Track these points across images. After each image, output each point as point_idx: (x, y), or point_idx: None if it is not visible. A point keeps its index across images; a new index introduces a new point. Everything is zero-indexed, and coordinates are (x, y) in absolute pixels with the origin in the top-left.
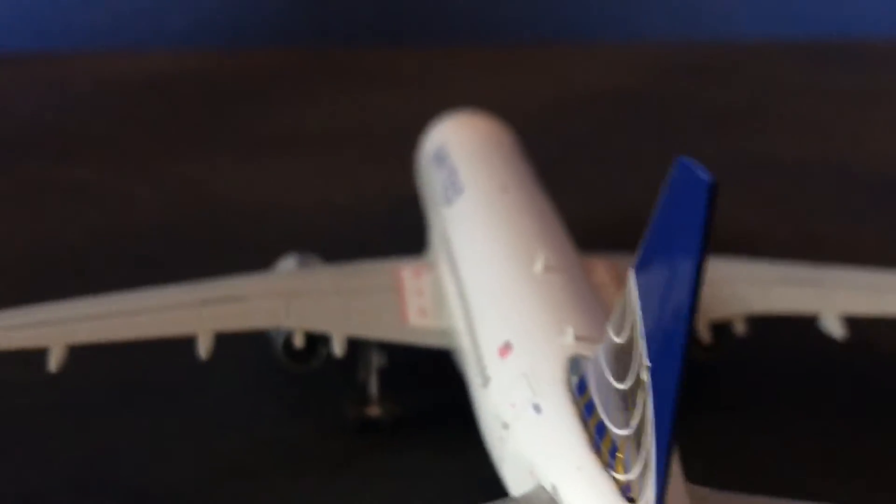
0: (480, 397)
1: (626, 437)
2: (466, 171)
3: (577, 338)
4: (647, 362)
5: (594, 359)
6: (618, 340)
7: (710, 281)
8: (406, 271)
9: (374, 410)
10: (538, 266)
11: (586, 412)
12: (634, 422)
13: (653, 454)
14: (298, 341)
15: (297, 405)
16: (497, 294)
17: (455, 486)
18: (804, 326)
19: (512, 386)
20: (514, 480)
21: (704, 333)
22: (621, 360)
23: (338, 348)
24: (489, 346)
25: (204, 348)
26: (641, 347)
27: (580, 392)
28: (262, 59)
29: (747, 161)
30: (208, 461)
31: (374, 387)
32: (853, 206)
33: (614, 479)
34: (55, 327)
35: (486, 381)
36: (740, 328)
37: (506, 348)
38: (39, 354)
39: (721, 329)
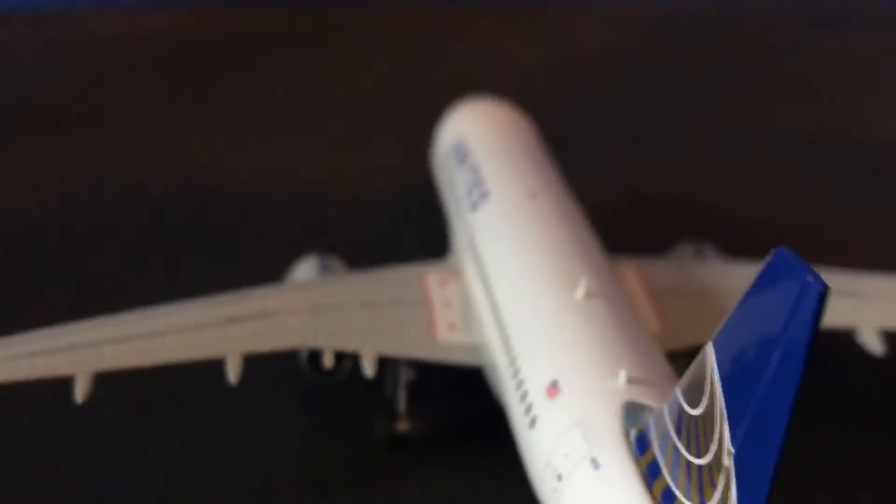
0: (526, 437)
1: None
2: (491, 172)
3: (630, 380)
4: (730, 447)
5: (657, 415)
6: (691, 412)
7: (742, 291)
8: (432, 279)
9: (403, 426)
10: (580, 292)
11: (650, 473)
12: (713, 503)
13: None
14: (328, 361)
15: (325, 421)
16: (538, 324)
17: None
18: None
19: (564, 434)
20: None
21: None
22: (696, 431)
23: (368, 368)
24: (534, 384)
25: (234, 373)
26: (724, 430)
27: (640, 449)
28: (258, 18)
29: (749, 130)
30: (234, 479)
31: (402, 402)
32: (861, 181)
33: None
34: (79, 353)
35: (532, 421)
36: None
37: (553, 388)
38: None
39: None
